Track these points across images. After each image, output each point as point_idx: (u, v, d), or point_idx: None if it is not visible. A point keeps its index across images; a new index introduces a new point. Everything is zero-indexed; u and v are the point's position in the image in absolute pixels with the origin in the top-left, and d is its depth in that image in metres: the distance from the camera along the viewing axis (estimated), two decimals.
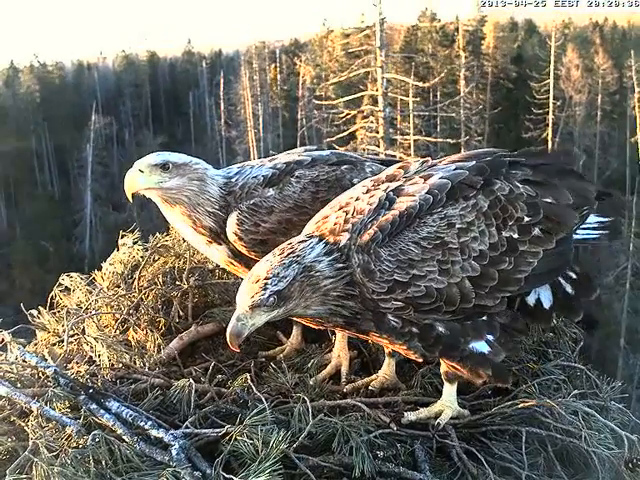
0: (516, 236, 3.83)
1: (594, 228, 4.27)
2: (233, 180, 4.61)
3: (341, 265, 3.69)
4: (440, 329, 3.81)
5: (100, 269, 5.60)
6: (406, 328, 3.80)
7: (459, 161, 4.04)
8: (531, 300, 4.07)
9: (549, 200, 3.96)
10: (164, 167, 4.42)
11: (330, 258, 3.69)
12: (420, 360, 4.16)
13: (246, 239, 4.47)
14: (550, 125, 53.72)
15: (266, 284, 3.58)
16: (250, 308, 3.61)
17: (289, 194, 4.55)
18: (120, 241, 5.67)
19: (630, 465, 3.91)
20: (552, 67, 54.21)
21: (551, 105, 54.08)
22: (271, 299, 3.58)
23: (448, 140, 45.13)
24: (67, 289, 5.42)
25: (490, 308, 3.82)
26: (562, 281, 4.13)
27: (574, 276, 4.16)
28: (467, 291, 3.72)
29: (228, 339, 3.68)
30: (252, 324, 3.66)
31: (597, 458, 3.93)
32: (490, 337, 3.90)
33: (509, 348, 4.04)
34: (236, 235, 4.46)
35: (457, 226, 3.74)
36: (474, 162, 3.97)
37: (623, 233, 43.17)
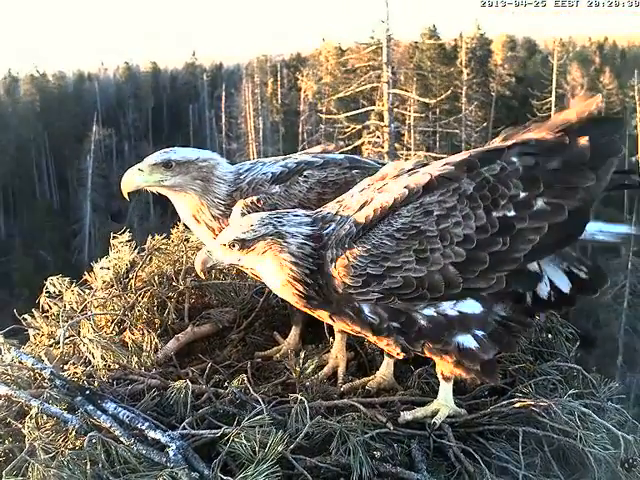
0: (512, 214, 3.70)
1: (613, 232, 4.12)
2: (242, 177, 4.66)
3: (309, 253, 3.82)
4: (422, 322, 3.80)
5: (91, 270, 5.58)
6: (384, 324, 3.82)
7: (455, 157, 3.98)
8: (544, 293, 3.97)
9: (555, 166, 3.77)
10: (167, 165, 4.47)
11: (304, 241, 3.83)
12: (401, 356, 4.14)
13: None
14: None
15: (239, 230, 3.85)
16: (219, 244, 3.90)
17: (294, 193, 4.57)
18: (112, 241, 5.64)
19: (626, 465, 3.90)
20: (554, 85, 54.43)
21: None
22: (236, 244, 3.84)
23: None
24: (56, 294, 5.38)
25: (486, 289, 3.77)
26: (574, 269, 3.99)
27: (585, 268, 4.01)
28: (452, 276, 3.68)
29: (196, 264, 4.04)
30: (217, 258, 3.95)
31: (593, 458, 3.91)
32: (479, 332, 3.85)
33: (504, 343, 3.99)
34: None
35: (435, 213, 3.70)
36: (466, 157, 3.89)
37: (621, 252, 43.33)
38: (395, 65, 48.35)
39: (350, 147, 43.61)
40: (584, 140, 3.78)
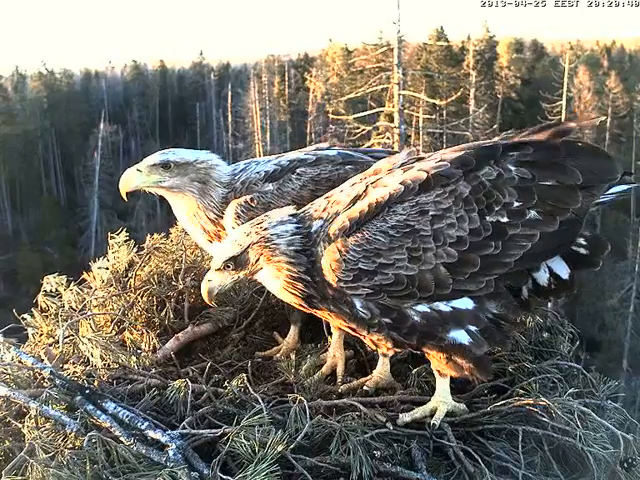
0: (505, 220, 3.75)
1: (612, 193, 4.08)
2: (236, 177, 4.67)
3: (300, 248, 3.85)
4: (416, 319, 3.82)
5: (90, 269, 5.57)
6: (376, 319, 3.84)
7: (450, 153, 4.00)
8: (543, 279, 4.00)
9: (550, 182, 3.83)
10: (165, 166, 4.49)
11: (292, 238, 3.86)
12: (391, 353, 4.21)
13: None
14: None
15: (227, 251, 3.90)
16: (215, 270, 3.93)
17: (288, 190, 4.57)
18: (110, 242, 5.65)
19: (625, 465, 3.89)
20: (565, 89, 54.37)
21: None
22: (229, 264, 3.89)
23: None
24: (56, 292, 5.38)
25: (474, 292, 3.80)
26: (574, 248, 4.00)
27: (584, 242, 4.02)
28: (443, 277, 3.71)
29: (203, 295, 4.04)
30: (219, 284, 3.97)
31: (593, 457, 3.90)
32: (472, 328, 3.87)
33: (496, 341, 4.00)
34: (234, 229, 4.46)
35: (431, 213, 3.73)
36: (461, 153, 3.91)
37: (628, 255, 43.28)
38: (406, 66, 48.32)
39: (361, 148, 43.37)
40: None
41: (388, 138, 43.43)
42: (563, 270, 4.01)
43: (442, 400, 4.11)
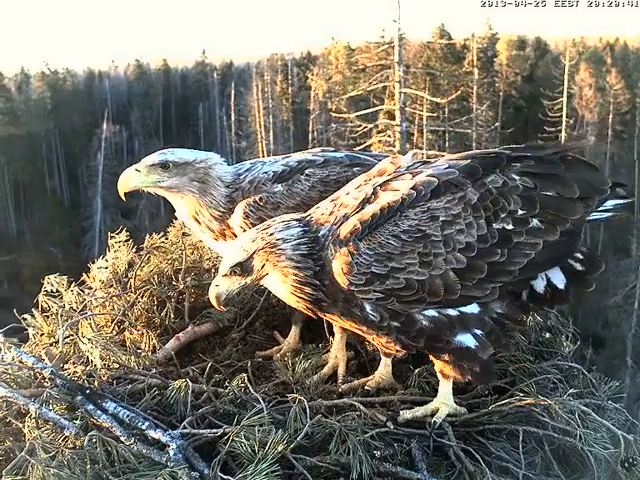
0: (510, 227, 3.80)
1: (607, 210, 4.18)
2: (242, 177, 4.67)
3: (307, 253, 3.83)
4: (424, 323, 3.83)
5: (89, 270, 5.54)
6: (385, 322, 3.84)
7: (456, 160, 4.03)
8: (540, 287, 4.05)
9: (550, 193, 3.90)
10: (164, 166, 4.49)
11: (298, 242, 3.84)
12: (400, 354, 4.23)
13: None
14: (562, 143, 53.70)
15: (234, 257, 3.88)
16: (222, 275, 3.91)
17: (297, 191, 4.57)
18: (110, 241, 5.63)
19: (626, 464, 3.89)
20: (566, 86, 54.35)
21: (564, 123, 54.21)
22: (235, 270, 3.88)
23: None
24: (57, 292, 5.36)
25: (480, 298, 3.83)
26: (571, 262, 4.08)
27: (581, 256, 4.09)
28: (451, 283, 3.73)
29: (211, 301, 4.01)
30: (226, 289, 3.95)
31: (593, 457, 3.91)
32: (478, 332, 3.90)
33: (501, 344, 4.05)
34: (242, 229, 4.49)
35: (441, 219, 3.75)
36: (468, 161, 3.94)
37: (632, 252, 43.27)
38: (410, 64, 48.38)
39: (362, 146, 43.49)
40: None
41: (389, 136, 43.45)
42: (559, 280, 4.08)
43: (444, 402, 4.12)
